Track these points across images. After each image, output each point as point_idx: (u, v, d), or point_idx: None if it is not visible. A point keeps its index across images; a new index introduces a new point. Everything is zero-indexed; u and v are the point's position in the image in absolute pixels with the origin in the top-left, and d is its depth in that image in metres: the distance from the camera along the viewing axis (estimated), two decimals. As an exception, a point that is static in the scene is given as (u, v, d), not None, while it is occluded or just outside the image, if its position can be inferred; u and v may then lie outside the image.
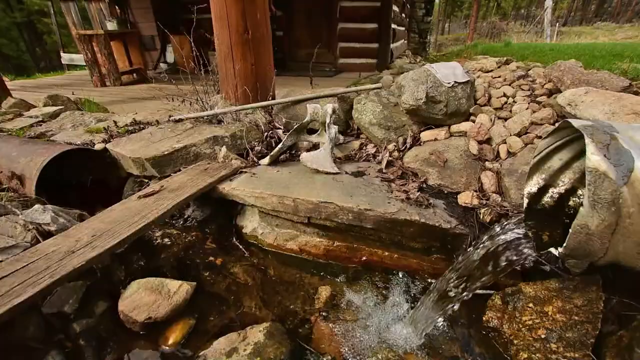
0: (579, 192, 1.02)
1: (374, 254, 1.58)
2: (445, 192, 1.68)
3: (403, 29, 8.53)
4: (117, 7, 6.62)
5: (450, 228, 1.43)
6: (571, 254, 0.84)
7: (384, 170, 1.89)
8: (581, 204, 0.89)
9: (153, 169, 1.92)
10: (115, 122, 2.57)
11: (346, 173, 1.86)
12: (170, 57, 6.64)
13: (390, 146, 2.09)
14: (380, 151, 2.09)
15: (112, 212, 1.50)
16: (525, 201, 1.11)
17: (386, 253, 1.57)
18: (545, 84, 2.14)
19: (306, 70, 6.06)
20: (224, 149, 2.01)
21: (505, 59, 2.70)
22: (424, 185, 1.71)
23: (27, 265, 1.17)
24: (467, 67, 3.12)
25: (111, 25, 6.24)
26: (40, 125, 2.74)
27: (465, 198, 1.59)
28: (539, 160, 1.10)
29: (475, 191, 1.63)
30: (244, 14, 2.30)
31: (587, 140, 0.77)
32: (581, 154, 1.00)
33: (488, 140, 1.88)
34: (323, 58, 6.46)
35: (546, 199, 1.08)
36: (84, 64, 8.17)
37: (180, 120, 2.34)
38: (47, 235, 1.46)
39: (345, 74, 6.09)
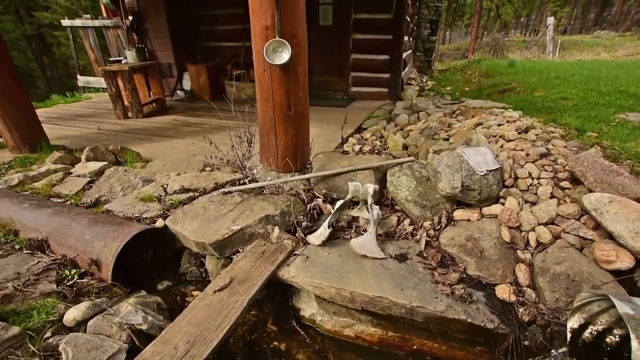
0: (615, 331, 1.23)
1: (423, 344, 1.79)
2: (484, 282, 1.89)
3: (410, 51, 8.72)
4: (134, 35, 6.78)
5: (493, 328, 1.63)
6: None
7: (424, 254, 2.09)
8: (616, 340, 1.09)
9: (215, 251, 2.12)
10: (164, 188, 2.76)
11: (390, 257, 2.06)
12: (187, 84, 6.82)
13: (427, 224, 2.30)
14: (417, 229, 2.30)
15: (194, 310, 1.69)
16: (569, 335, 1.31)
17: (435, 344, 1.78)
18: (566, 165, 2.35)
19: (319, 99, 6.28)
20: (276, 230, 2.21)
21: (525, 126, 2.90)
22: (464, 276, 1.92)
23: (142, 379, 1.36)
24: (487, 124, 3.32)
25: (130, 55, 6.39)
26: (91, 186, 2.93)
27: (503, 292, 1.80)
28: (581, 304, 1.31)
29: (511, 284, 1.84)
30: (288, 94, 2.49)
31: (632, 336, 0.98)
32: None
33: (518, 227, 2.08)
34: (336, 86, 6.67)
35: (586, 334, 1.28)
36: (99, 86, 8.33)
37: (229, 192, 2.53)
38: (138, 333, 1.66)
39: (357, 102, 6.28)
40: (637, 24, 21.41)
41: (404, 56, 6.51)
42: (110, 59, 7.19)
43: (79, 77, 7.97)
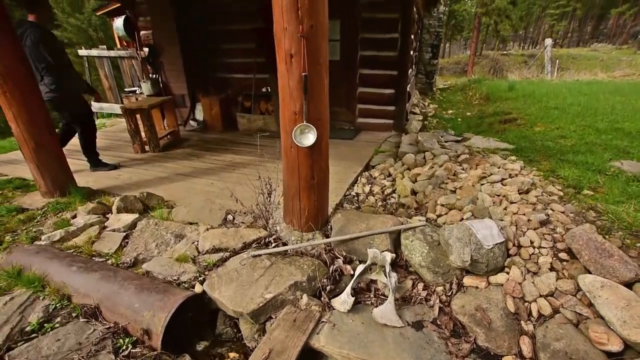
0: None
1: (440, 412, 2.05)
2: (492, 353, 2.14)
3: (413, 78, 9.00)
4: (149, 66, 7.04)
5: (502, 402, 1.89)
6: None
7: (438, 322, 2.35)
8: None
9: (251, 319, 2.37)
10: (195, 247, 3.01)
11: (408, 324, 2.31)
12: (199, 115, 7.08)
13: (439, 289, 2.55)
14: (430, 294, 2.55)
15: (241, 384, 1.94)
16: None
17: (450, 413, 2.03)
18: (564, 234, 2.61)
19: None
20: (305, 297, 2.46)
21: (526, 187, 3.17)
22: (475, 346, 2.17)
23: None
24: (490, 179, 3.58)
25: (145, 87, 6.65)
26: (127, 242, 3.17)
27: (509, 364, 2.05)
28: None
29: (516, 355, 2.09)
30: (312, 166, 2.75)
31: None
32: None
33: (522, 297, 2.34)
34: (343, 117, 6.93)
35: None
36: (112, 112, 8.58)
37: (258, 255, 2.78)
38: (193, 405, 1.90)
39: (364, 133, 6.54)
40: (633, 37, 21.82)
41: (408, 89, 6.78)
42: (126, 89, 7.46)
43: (92, 103, 8.22)
